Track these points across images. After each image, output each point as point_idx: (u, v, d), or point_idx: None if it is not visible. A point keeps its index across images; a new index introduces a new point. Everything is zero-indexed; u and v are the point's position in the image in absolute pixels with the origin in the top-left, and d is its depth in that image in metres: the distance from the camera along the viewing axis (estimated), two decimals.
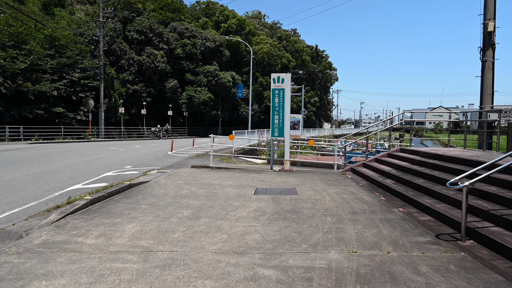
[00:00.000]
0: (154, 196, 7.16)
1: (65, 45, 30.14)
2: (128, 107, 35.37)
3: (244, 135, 20.49)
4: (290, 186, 8.39)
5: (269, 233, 4.76)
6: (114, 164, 12.64)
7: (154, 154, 17.03)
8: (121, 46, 36.08)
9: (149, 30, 38.29)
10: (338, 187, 8.27)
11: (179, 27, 42.61)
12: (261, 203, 6.58)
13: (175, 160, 14.70)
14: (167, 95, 39.34)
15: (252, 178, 9.70)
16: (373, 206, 6.38)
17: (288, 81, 11.07)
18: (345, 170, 11.08)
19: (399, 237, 4.61)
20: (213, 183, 8.80)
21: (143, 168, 11.88)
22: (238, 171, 11.09)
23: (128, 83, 36.13)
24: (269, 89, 58.26)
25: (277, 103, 11.17)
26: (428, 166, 8.02)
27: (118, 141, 28.96)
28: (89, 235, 4.61)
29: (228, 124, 53.34)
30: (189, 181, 8.97)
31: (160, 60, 37.43)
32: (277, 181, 9.24)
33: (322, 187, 8.24)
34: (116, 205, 6.32)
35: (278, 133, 11.20)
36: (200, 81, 41.98)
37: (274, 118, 11.23)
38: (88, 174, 10.17)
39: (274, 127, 11.23)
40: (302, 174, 10.62)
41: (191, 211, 5.91)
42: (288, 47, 69.64)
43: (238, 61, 54.47)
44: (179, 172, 10.78)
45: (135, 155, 16.48)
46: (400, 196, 6.90)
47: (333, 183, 8.93)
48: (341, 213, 5.86)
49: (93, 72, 31.40)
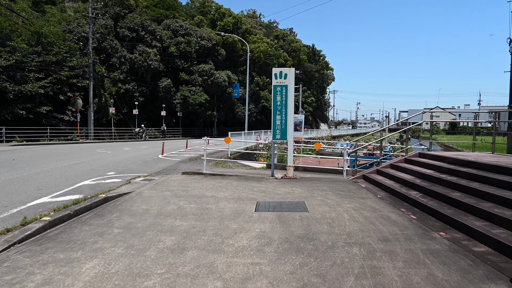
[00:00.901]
0: (133, 214, 5.83)
1: (53, 42, 28.66)
2: (119, 107, 33.90)
3: (241, 137, 19.19)
4: (297, 199, 7.08)
5: (280, 277, 3.45)
6: (96, 170, 11.27)
7: (143, 158, 15.66)
8: (112, 44, 34.61)
9: (142, 28, 36.86)
10: (354, 201, 6.98)
11: (173, 24, 41.20)
12: (265, 224, 5.27)
13: (165, 165, 13.35)
14: (160, 94, 37.91)
15: (251, 187, 8.39)
16: (406, 228, 5.10)
17: (292, 76, 9.79)
18: (357, 178, 9.80)
19: (461, 284, 3.32)
20: (206, 194, 7.48)
21: (128, 175, 10.53)
22: (235, 179, 9.77)
23: (119, 82, 34.66)
24: (266, 89, 57.26)
25: (279, 102, 9.87)
26: (461, 176, 6.75)
27: (108, 143, 27.52)
28: (27, 284, 3.27)
29: (224, 125, 51.98)
30: (177, 192, 7.64)
31: (153, 59, 36.00)
32: (281, 191, 7.93)
33: (335, 201, 6.94)
34: (81, 229, 4.98)
35: (280, 136, 9.90)
36: (195, 81, 40.58)
37: (276, 119, 9.93)
38: (63, 183, 8.80)
39: (276, 128, 9.93)
40: (308, 182, 9.32)
41: (176, 238, 4.58)
42: (285, 47, 68.47)
43: (234, 61, 53.14)
44: (167, 180, 9.44)
45: (122, 158, 15.10)
46: (435, 214, 5.63)
47: (346, 194, 7.64)
48: (369, 240, 4.56)
49: (82, 71, 29.94)
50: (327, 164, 21.26)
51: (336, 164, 21.01)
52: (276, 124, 9.91)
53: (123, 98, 34.63)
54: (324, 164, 21.10)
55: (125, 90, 35.10)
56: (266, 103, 54.44)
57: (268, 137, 24.60)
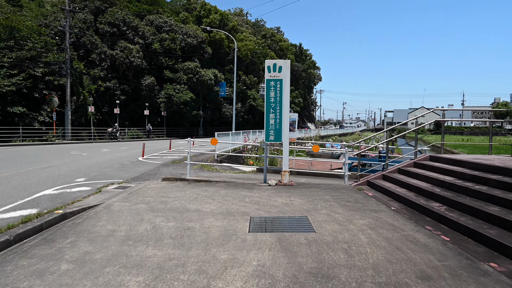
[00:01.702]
0: (93, 238, 4.56)
1: (27, 36, 26.84)
2: (99, 106, 32.18)
3: (228, 137, 17.94)
4: (298, 213, 5.92)
5: None
6: (63, 176, 9.88)
7: (121, 160, 14.27)
8: (92, 39, 32.84)
9: (123, 23, 35.17)
10: (366, 215, 5.85)
11: (157, 20, 39.60)
12: (264, 252, 4.09)
13: (144, 169, 12.02)
14: (143, 93, 36.29)
15: (242, 197, 7.19)
16: (444, 257, 3.98)
17: (287, 69, 8.63)
18: (360, 184, 8.71)
19: None
20: (188, 208, 6.25)
21: (100, 182, 9.19)
22: (223, 186, 8.55)
23: (99, 80, 32.93)
24: (253, 88, 56.05)
25: (273, 98, 8.69)
26: (492, 185, 5.70)
27: (86, 144, 25.87)
28: None
29: (210, 125, 50.56)
30: (154, 205, 6.38)
31: (136, 55, 34.37)
32: (278, 203, 6.75)
33: (344, 215, 5.81)
34: (17, 264, 3.69)
35: (274, 137, 8.72)
36: (180, 79, 39.09)
37: (269, 118, 8.74)
38: (18, 193, 7.42)
39: (270, 128, 8.74)
40: (307, 190, 8.17)
41: (144, 280, 3.35)
42: (272, 46, 67.46)
43: (220, 59, 51.81)
44: (144, 188, 8.16)
45: (98, 162, 13.68)
46: (474, 235, 4.54)
47: (354, 206, 6.52)
48: (405, 278, 3.42)
49: (59, 67, 28.16)
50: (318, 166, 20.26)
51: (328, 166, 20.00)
52: (269, 124, 8.73)
53: (103, 96, 32.91)
54: (315, 166, 20.08)
55: (106, 88, 33.38)
56: (253, 102, 53.31)
57: (257, 138, 23.42)
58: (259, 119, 57.29)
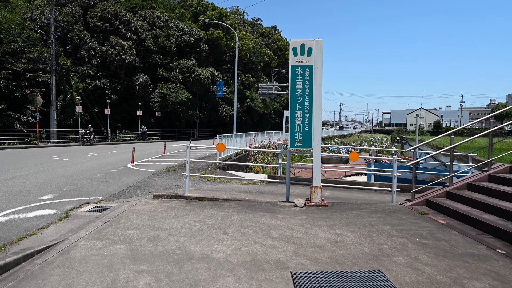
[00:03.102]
0: None
1: (8, 29, 24.51)
2: (88, 106, 29.85)
3: (230, 140, 15.79)
4: (362, 262, 3.79)
5: None
6: (26, 192, 7.67)
7: (106, 168, 12.06)
8: (81, 34, 30.52)
9: (115, 17, 32.89)
10: (471, 266, 3.73)
11: (150, 15, 37.37)
12: None
13: (132, 180, 9.83)
14: (136, 92, 34.01)
15: (266, 229, 5.04)
16: None
17: (320, 51, 6.50)
18: (416, 204, 6.59)
19: None
20: (191, 251, 4.10)
21: (72, 200, 7.00)
22: (235, 208, 6.39)
23: (88, 78, 30.59)
24: (252, 88, 53.92)
25: (300, 91, 6.56)
26: None
27: (72, 147, 23.57)
28: None
29: (207, 126, 48.36)
30: (139, 247, 4.22)
31: (128, 52, 32.08)
32: (321, 239, 4.62)
33: (440, 269, 3.68)
34: None
35: (302, 141, 6.56)
36: (175, 77, 36.88)
37: (295, 117, 6.59)
38: None
39: (296, 131, 6.58)
40: (349, 213, 6.04)
41: None
42: (270, 45, 65.45)
43: (217, 58, 49.69)
44: (129, 211, 5.98)
45: (77, 170, 11.46)
46: None
47: (436, 246, 4.39)
48: None
49: (43, 63, 25.85)
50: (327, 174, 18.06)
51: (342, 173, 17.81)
52: (295, 125, 6.58)
53: (92, 95, 30.58)
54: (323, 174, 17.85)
55: (95, 87, 31.04)
56: (251, 103, 51.21)
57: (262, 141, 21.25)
58: (258, 120, 55.13)
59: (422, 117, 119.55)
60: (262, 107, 53.87)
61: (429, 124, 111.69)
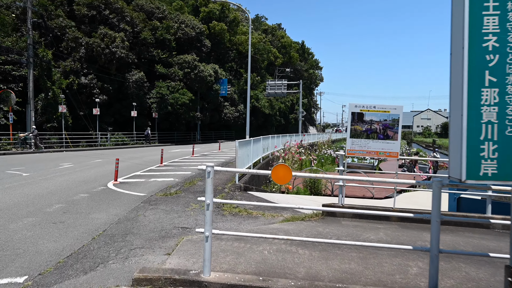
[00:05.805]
0: None
1: None
2: (74, 106, 25.88)
3: (249, 146, 11.92)
4: None
5: None
6: None
7: (75, 191, 8.13)
8: (65, 22, 26.58)
9: (105, 5, 28.99)
10: None
11: (147, 5, 33.52)
12: None
13: (106, 217, 5.90)
14: (130, 91, 30.04)
15: None
16: None
17: None
18: None
19: None
20: None
21: None
22: None
23: (73, 74, 26.59)
24: (256, 87, 49.97)
25: (495, 38, 2.66)
26: None
27: (51, 154, 19.59)
28: None
29: (208, 128, 44.39)
30: None
31: (120, 45, 28.12)
32: None
33: None
34: None
35: (498, 164, 2.65)
36: (175, 75, 32.99)
37: (479, 103, 2.68)
38: None
39: (481, 138, 2.67)
40: None
41: None
42: (274, 42, 61.60)
43: (220, 55, 45.87)
44: None
45: (28, 194, 7.53)
46: None
47: None
48: None
49: (19, 55, 21.97)
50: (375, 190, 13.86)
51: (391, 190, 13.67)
52: (480, 123, 2.67)
53: (79, 94, 26.60)
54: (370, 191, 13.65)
55: (82, 85, 27.04)
56: (256, 103, 47.30)
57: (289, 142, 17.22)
58: (263, 121, 51.15)
59: (430, 118, 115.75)
60: (268, 107, 49.94)
61: (436, 126, 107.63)
